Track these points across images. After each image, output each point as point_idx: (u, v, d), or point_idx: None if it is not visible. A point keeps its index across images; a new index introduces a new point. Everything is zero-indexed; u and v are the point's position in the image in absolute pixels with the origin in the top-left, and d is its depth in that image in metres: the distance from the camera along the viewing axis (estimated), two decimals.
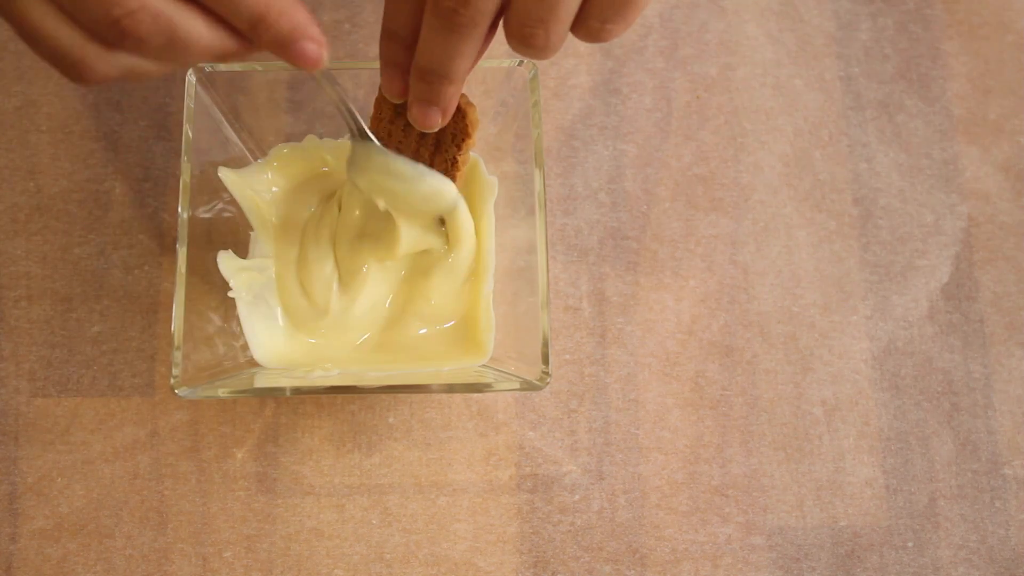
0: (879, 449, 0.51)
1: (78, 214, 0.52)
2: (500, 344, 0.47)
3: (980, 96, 0.56)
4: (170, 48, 0.31)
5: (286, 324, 0.47)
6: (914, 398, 0.52)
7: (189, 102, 0.45)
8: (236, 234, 0.49)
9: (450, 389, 0.43)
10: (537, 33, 0.34)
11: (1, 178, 0.53)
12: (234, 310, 0.46)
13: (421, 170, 0.43)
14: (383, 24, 0.38)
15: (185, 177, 0.45)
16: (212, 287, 0.46)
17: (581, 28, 0.35)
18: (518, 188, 0.48)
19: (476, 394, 0.51)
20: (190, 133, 0.45)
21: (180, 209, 0.44)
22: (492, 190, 0.48)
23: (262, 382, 0.45)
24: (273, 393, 0.48)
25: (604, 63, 0.55)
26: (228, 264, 0.45)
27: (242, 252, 0.48)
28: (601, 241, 0.53)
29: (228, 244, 0.47)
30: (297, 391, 0.43)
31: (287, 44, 0.32)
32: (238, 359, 0.46)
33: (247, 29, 0.32)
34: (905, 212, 0.54)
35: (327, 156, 0.49)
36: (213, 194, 0.47)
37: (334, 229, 0.47)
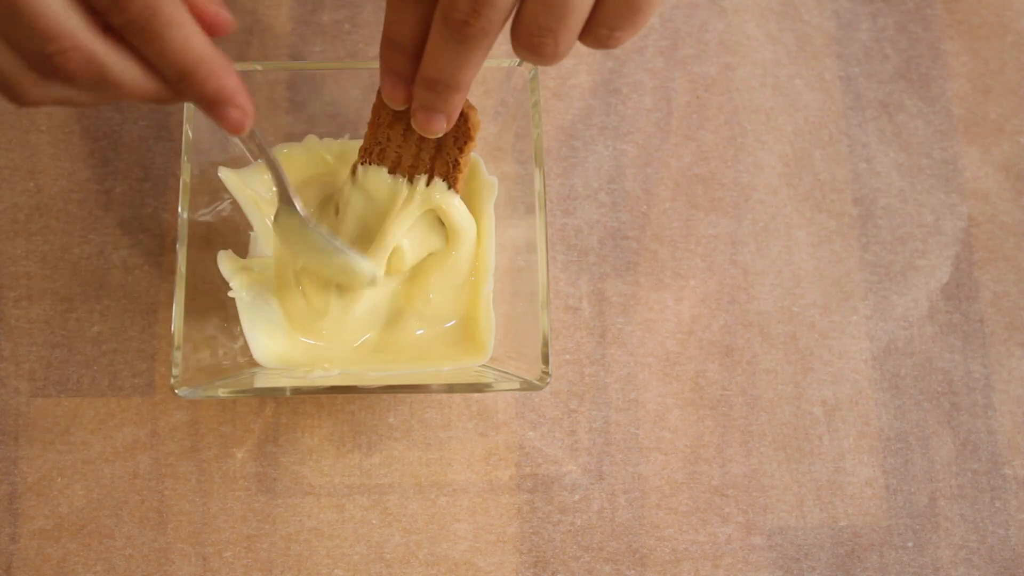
0: (879, 449, 0.51)
1: (78, 214, 0.52)
2: (500, 344, 0.47)
3: (980, 96, 0.56)
4: (101, 86, 0.32)
5: (286, 325, 0.47)
6: (914, 398, 0.52)
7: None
8: (236, 234, 0.49)
9: (450, 389, 0.44)
10: (546, 42, 0.34)
11: (1, 178, 0.53)
12: (234, 310, 0.46)
13: (337, 246, 0.43)
14: (385, 33, 0.38)
15: (185, 177, 0.45)
16: (212, 287, 0.46)
17: (589, 36, 0.35)
18: (518, 188, 0.48)
19: (476, 394, 0.51)
20: (190, 133, 0.45)
21: (180, 209, 0.44)
22: (492, 190, 0.48)
23: (262, 382, 0.45)
24: (273, 393, 0.48)
25: (604, 63, 0.55)
26: (228, 264, 0.45)
27: (242, 252, 0.48)
28: (601, 241, 0.53)
29: (228, 244, 0.47)
30: (297, 391, 0.43)
31: (210, 105, 0.33)
32: (238, 359, 0.46)
33: (174, 82, 0.33)
34: (905, 212, 0.54)
35: (327, 156, 0.49)
36: (213, 194, 0.47)
37: (333, 231, 0.47)
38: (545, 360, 0.43)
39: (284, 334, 0.47)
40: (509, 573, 0.49)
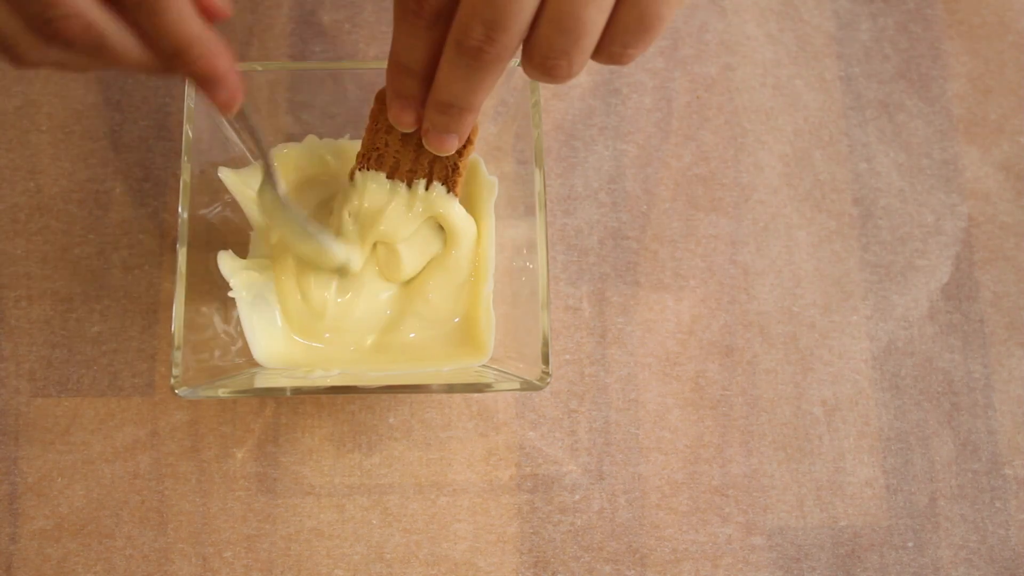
0: (879, 449, 0.51)
1: (78, 214, 0.52)
2: (500, 344, 0.47)
3: (980, 96, 0.56)
4: (98, 52, 0.33)
5: (286, 325, 0.47)
6: (914, 398, 0.52)
7: (189, 102, 0.45)
8: (236, 234, 0.49)
9: (450, 389, 0.43)
10: (560, 64, 0.34)
11: (1, 178, 0.53)
12: (234, 310, 0.46)
13: (309, 229, 0.44)
14: (394, 58, 0.37)
15: (185, 177, 0.45)
16: (212, 287, 0.46)
17: (602, 54, 0.35)
18: (518, 188, 0.48)
19: (476, 394, 0.51)
20: (190, 133, 0.45)
21: (180, 209, 0.44)
22: (492, 190, 0.48)
23: (262, 382, 0.45)
24: (273, 393, 0.48)
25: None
26: (228, 264, 0.45)
27: (242, 252, 0.48)
28: (601, 241, 0.53)
29: (228, 244, 0.47)
30: (297, 391, 0.43)
31: (201, 83, 0.34)
32: (238, 359, 0.46)
33: (168, 58, 0.33)
34: (905, 212, 0.54)
35: (327, 156, 0.49)
36: (213, 194, 0.47)
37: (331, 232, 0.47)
38: (545, 360, 0.43)
39: (284, 334, 0.47)
40: (509, 573, 0.49)
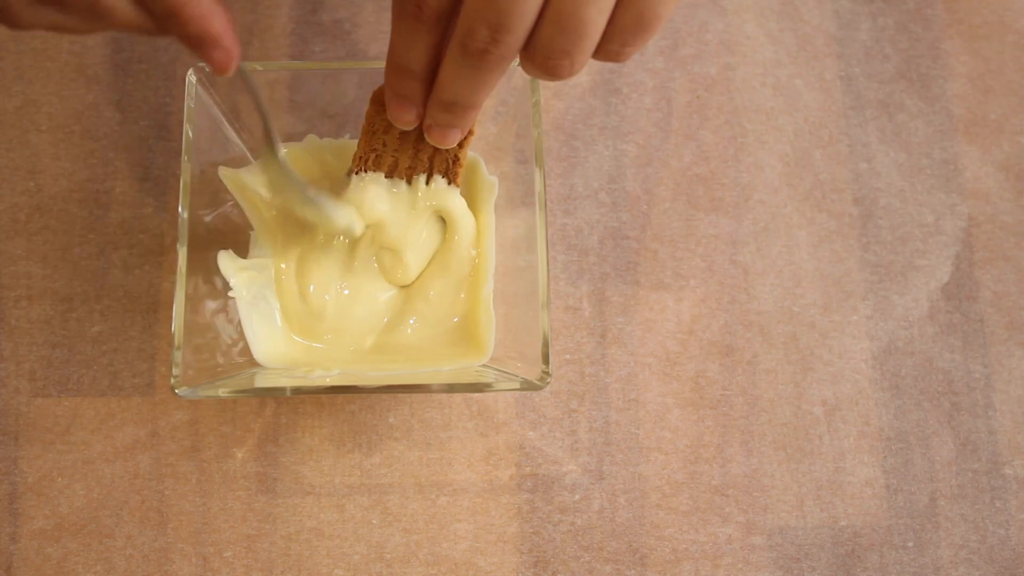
0: (879, 449, 0.51)
1: (78, 214, 0.52)
2: (500, 344, 0.47)
3: (980, 96, 0.56)
4: (91, 13, 0.32)
5: (286, 325, 0.47)
6: (914, 398, 0.52)
7: (189, 102, 0.45)
8: (236, 234, 0.49)
9: (450, 389, 0.43)
10: (562, 64, 0.34)
11: (1, 178, 0.53)
12: (234, 310, 0.46)
13: (310, 196, 0.43)
14: (393, 59, 0.37)
15: (185, 177, 0.45)
16: (212, 287, 0.46)
17: (601, 52, 0.35)
18: (518, 188, 0.48)
19: (476, 394, 0.51)
20: (190, 133, 0.45)
21: (180, 209, 0.44)
22: (492, 190, 0.48)
23: (262, 382, 0.45)
24: (273, 393, 0.48)
25: (604, 63, 0.55)
26: (228, 264, 0.45)
27: (242, 252, 0.48)
28: (601, 241, 0.53)
29: (228, 244, 0.47)
30: (297, 391, 0.43)
31: (195, 46, 0.34)
32: (238, 359, 0.46)
33: (161, 18, 0.33)
34: (905, 212, 0.54)
35: (327, 156, 0.49)
36: (213, 194, 0.47)
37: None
38: (545, 360, 0.43)
39: (284, 334, 0.47)
40: (509, 573, 0.49)
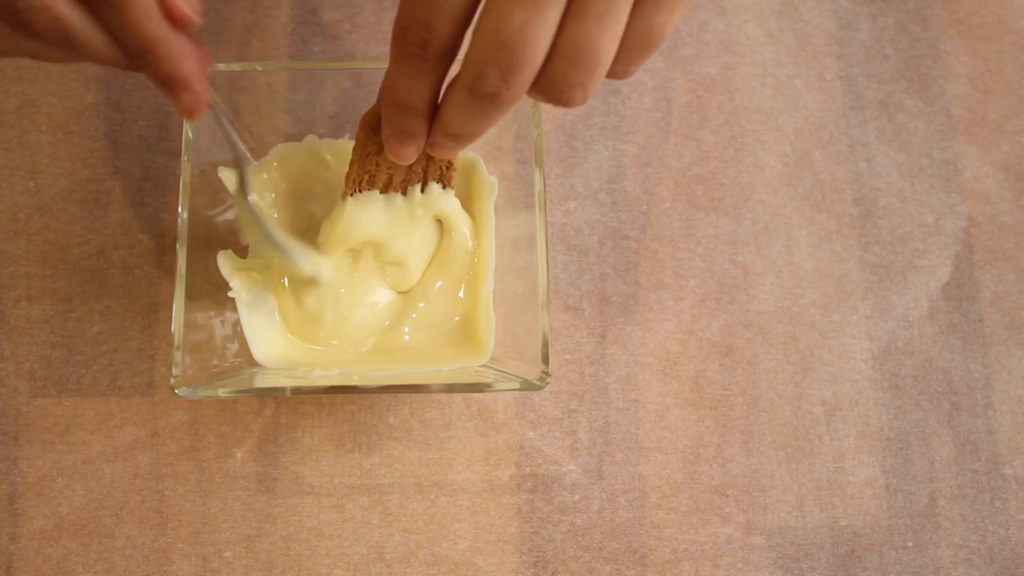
0: (879, 449, 0.51)
1: (78, 214, 0.52)
2: (500, 344, 0.47)
3: (980, 96, 0.56)
4: (67, 45, 0.33)
5: (284, 327, 0.47)
6: (914, 398, 0.52)
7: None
8: (236, 234, 0.49)
9: (450, 389, 0.43)
10: (576, 96, 0.34)
11: (1, 178, 0.53)
12: (234, 310, 0.46)
13: (277, 239, 0.43)
14: (392, 97, 0.36)
15: (185, 177, 0.45)
16: (212, 287, 0.46)
17: (607, 72, 0.35)
18: (518, 188, 0.47)
19: (476, 394, 0.51)
20: (190, 133, 0.45)
21: (180, 209, 0.44)
22: (492, 190, 0.48)
23: (262, 382, 0.45)
24: (273, 393, 0.48)
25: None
26: (228, 264, 0.45)
27: (242, 252, 0.48)
28: (601, 241, 0.53)
29: (228, 244, 0.47)
30: (297, 391, 0.43)
31: (165, 85, 0.34)
32: (238, 359, 0.46)
33: (133, 55, 0.33)
34: (905, 212, 0.54)
35: (327, 156, 0.49)
36: (213, 194, 0.47)
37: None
38: (545, 360, 0.43)
39: (283, 334, 0.47)
40: (509, 573, 0.49)
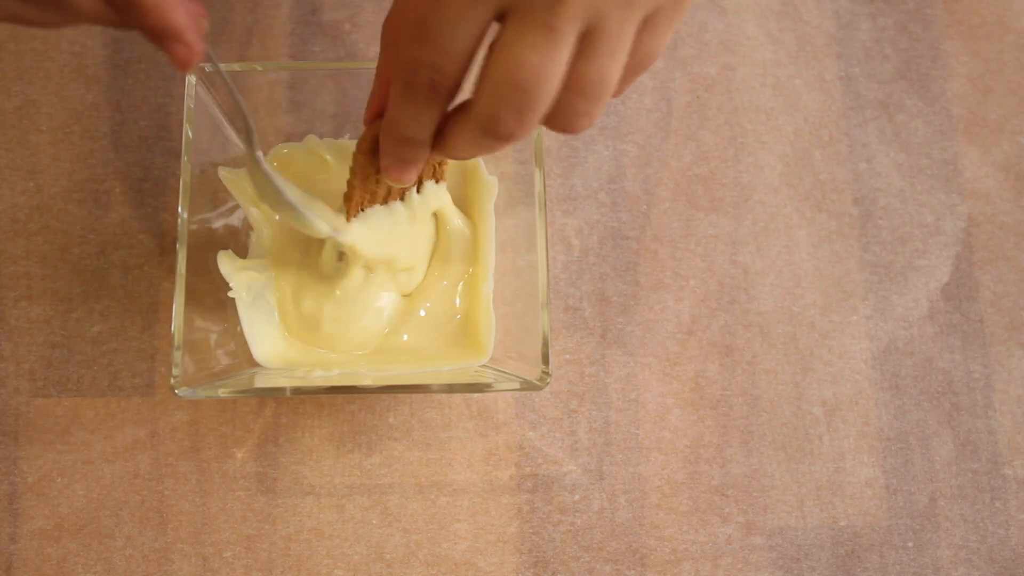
0: (879, 449, 0.51)
1: (78, 214, 0.52)
2: (500, 344, 0.47)
3: (980, 96, 0.56)
4: (52, 3, 0.32)
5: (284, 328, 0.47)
6: (914, 398, 0.52)
7: (189, 102, 0.45)
8: (236, 234, 0.49)
9: (450, 389, 0.43)
10: (582, 123, 0.34)
11: (1, 178, 0.53)
12: (234, 310, 0.46)
13: (290, 200, 0.42)
14: (398, 131, 0.36)
15: (185, 177, 0.45)
16: (212, 287, 0.46)
17: None
18: (518, 188, 0.48)
19: (476, 394, 0.51)
20: (190, 133, 0.45)
21: (180, 209, 0.44)
22: (492, 190, 0.48)
23: (262, 382, 0.45)
24: (273, 393, 0.48)
25: None
26: (228, 264, 0.45)
27: (242, 252, 0.48)
28: (601, 241, 0.53)
29: (228, 244, 0.47)
30: (297, 391, 0.43)
31: (156, 38, 0.33)
32: (238, 359, 0.46)
33: (121, 8, 0.32)
34: (905, 212, 0.54)
35: (327, 156, 0.49)
36: (213, 194, 0.47)
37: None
38: (545, 360, 0.43)
39: (284, 334, 0.47)
40: (509, 573, 0.49)
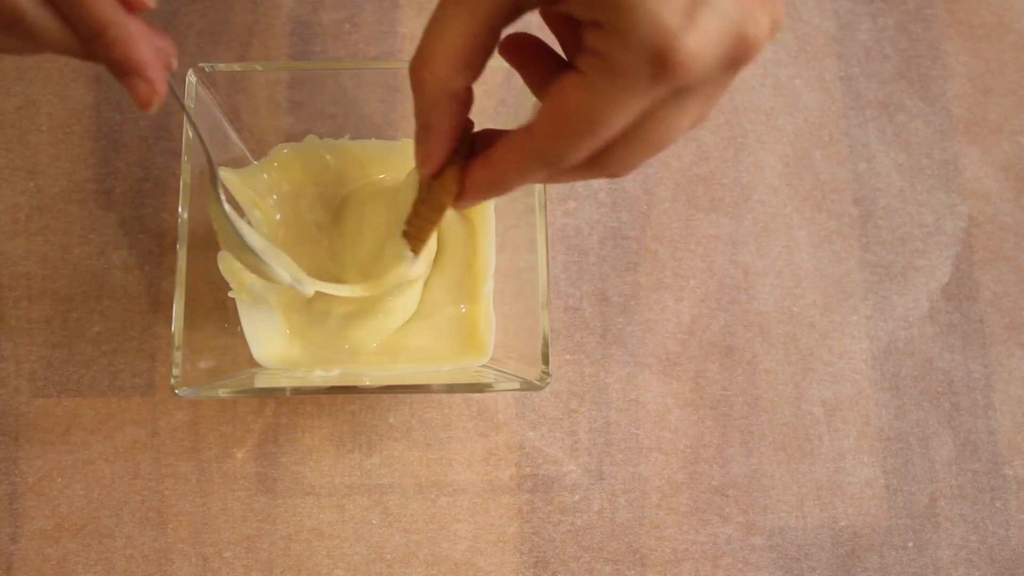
0: (879, 449, 0.51)
1: (78, 214, 0.52)
2: (500, 344, 0.47)
3: (980, 96, 0.56)
4: (17, 32, 0.32)
5: (286, 326, 0.47)
6: (914, 398, 0.52)
7: (189, 102, 0.45)
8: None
9: (450, 389, 0.43)
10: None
11: (1, 178, 0.53)
12: (234, 310, 0.46)
13: (253, 243, 0.41)
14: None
15: (185, 177, 0.45)
16: (212, 287, 0.46)
17: None
18: (518, 188, 0.47)
19: (476, 394, 0.51)
20: (190, 133, 0.45)
21: (180, 209, 0.44)
22: None
23: (262, 382, 0.45)
24: (273, 393, 0.48)
25: None
26: (228, 264, 0.45)
27: None
28: (601, 241, 0.53)
29: None
30: (297, 391, 0.43)
31: (119, 73, 0.32)
32: (238, 359, 0.46)
33: (85, 41, 0.32)
34: (905, 212, 0.54)
35: (327, 156, 0.49)
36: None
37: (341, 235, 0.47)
38: (545, 360, 0.43)
39: (284, 335, 0.47)
40: (509, 573, 0.49)
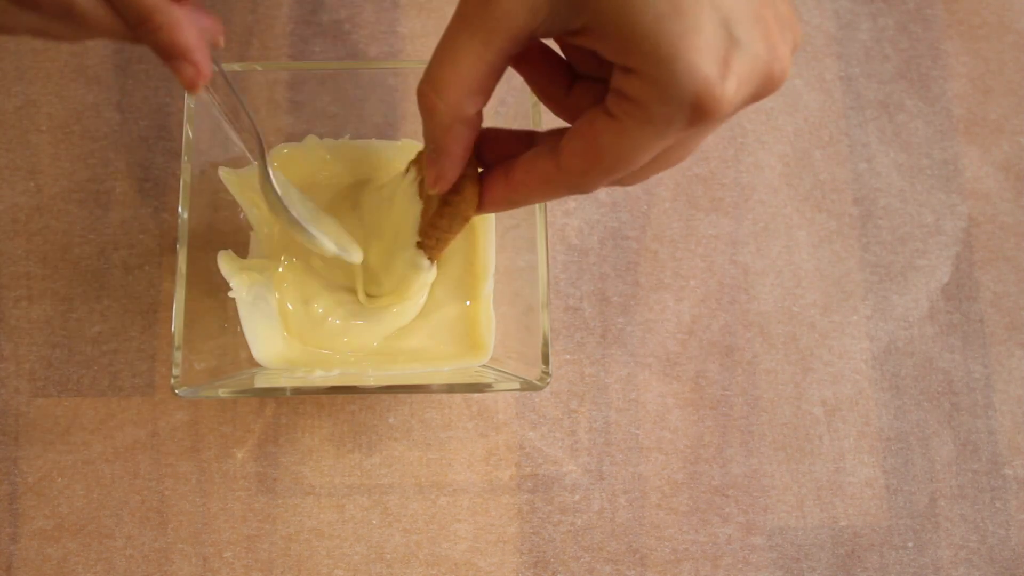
0: (879, 449, 0.51)
1: (78, 214, 0.52)
2: (500, 344, 0.47)
3: (980, 96, 0.56)
4: (67, 17, 0.33)
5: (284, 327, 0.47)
6: (914, 398, 0.52)
7: (189, 102, 0.45)
8: (236, 234, 0.49)
9: (450, 389, 0.43)
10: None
11: (1, 178, 0.53)
12: (234, 310, 0.46)
13: (295, 217, 0.42)
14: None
15: (185, 177, 0.45)
16: (212, 287, 0.46)
17: None
18: None
19: (476, 394, 0.51)
20: (190, 133, 0.45)
21: (180, 209, 0.44)
22: None
23: (262, 382, 0.45)
24: (273, 393, 0.48)
25: None
26: (228, 264, 0.45)
27: (242, 252, 0.48)
28: (601, 241, 0.53)
29: (228, 244, 0.47)
30: (297, 391, 0.43)
31: (165, 57, 0.34)
32: (238, 359, 0.46)
33: (132, 26, 0.33)
34: (905, 212, 0.54)
35: (327, 156, 0.49)
36: (213, 194, 0.47)
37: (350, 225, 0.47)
38: (545, 360, 0.43)
39: (284, 335, 0.47)
40: (509, 573, 0.49)
